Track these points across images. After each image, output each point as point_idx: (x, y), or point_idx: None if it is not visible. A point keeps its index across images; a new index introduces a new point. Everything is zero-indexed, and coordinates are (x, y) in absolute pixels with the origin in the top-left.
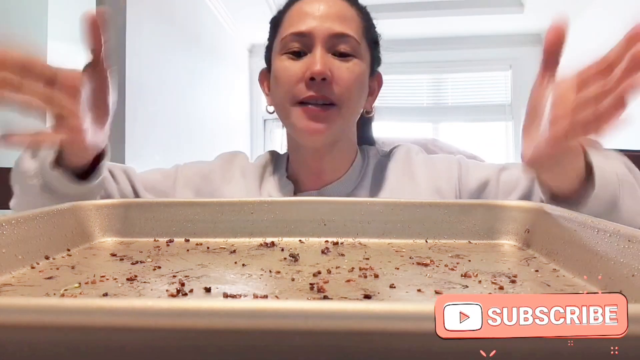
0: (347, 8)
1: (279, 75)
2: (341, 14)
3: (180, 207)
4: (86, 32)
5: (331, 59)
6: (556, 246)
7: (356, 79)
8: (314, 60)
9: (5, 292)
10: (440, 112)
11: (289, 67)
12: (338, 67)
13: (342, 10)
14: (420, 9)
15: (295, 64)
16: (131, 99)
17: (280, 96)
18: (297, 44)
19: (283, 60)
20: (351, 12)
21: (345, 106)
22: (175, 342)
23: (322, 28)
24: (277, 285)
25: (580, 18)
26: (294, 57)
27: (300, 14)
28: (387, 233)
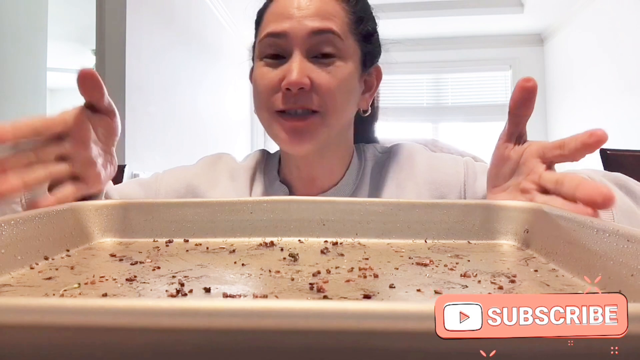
0: (327, 2)
1: (257, 84)
2: (321, 9)
3: (180, 207)
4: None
5: (310, 66)
6: (555, 246)
7: (339, 83)
8: (290, 68)
9: (5, 293)
10: (440, 112)
11: (265, 74)
12: (317, 74)
13: (322, 6)
14: (421, 9)
15: (272, 72)
16: (131, 99)
17: (259, 105)
18: (273, 47)
19: (260, 67)
20: (333, 5)
21: (329, 114)
22: (175, 342)
23: (299, 27)
24: (277, 285)
25: (581, 18)
26: (272, 61)
27: (277, 12)
28: (386, 233)
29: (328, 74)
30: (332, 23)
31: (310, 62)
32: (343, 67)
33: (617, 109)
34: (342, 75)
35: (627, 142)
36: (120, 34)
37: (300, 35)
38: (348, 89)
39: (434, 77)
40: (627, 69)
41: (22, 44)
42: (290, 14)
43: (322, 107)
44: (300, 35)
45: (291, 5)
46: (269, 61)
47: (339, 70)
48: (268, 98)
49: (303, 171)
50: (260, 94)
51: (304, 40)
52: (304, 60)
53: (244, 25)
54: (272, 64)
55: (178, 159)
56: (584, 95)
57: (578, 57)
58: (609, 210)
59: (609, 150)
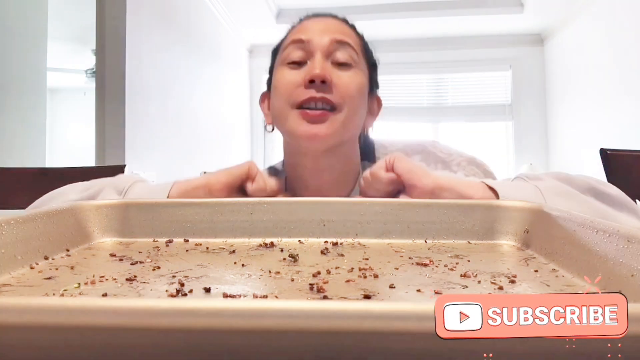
0: (345, 27)
1: (279, 84)
2: (339, 29)
3: (180, 207)
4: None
5: (330, 66)
6: (555, 246)
7: (356, 86)
8: (313, 65)
9: (5, 293)
10: (440, 112)
11: (287, 74)
12: (338, 75)
13: (340, 27)
14: (420, 9)
15: (295, 72)
16: (131, 99)
17: (279, 102)
18: (297, 52)
19: (283, 70)
20: (350, 30)
21: (345, 111)
22: (175, 342)
23: (321, 36)
24: (277, 286)
25: (580, 18)
26: (295, 65)
27: (301, 29)
28: (386, 233)
29: (347, 76)
30: (349, 39)
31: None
32: (359, 75)
33: (617, 108)
34: (358, 80)
35: (627, 142)
36: (120, 34)
37: (322, 42)
38: (362, 95)
39: (434, 77)
40: (627, 68)
41: (22, 44)
42: (313, 29)
43: (340, 104)
44: (323, 42)
45: (313, 24)
46: (292, 65)
47: (356, 76)
48: (290, 93)
49: (310, 183)
50: (282, 91)
51: (326, 46)
52: (325, 61)
53: (243, 26)
54: (294, 67)
55: (178, 159)
56: (583, 95)
57: (578, 57)
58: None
59: (609, 150)
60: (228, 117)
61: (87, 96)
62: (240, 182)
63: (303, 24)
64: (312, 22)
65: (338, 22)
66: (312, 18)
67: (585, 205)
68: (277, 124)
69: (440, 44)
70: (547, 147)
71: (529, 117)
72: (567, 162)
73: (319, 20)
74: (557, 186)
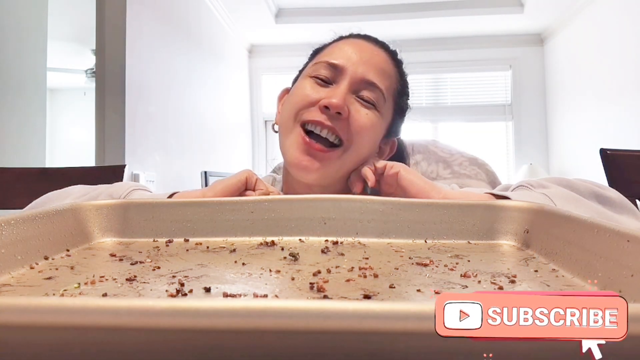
0: (387, 63)
1: (297, 92)
2: (380, 66)
3: (180, 207)
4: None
5: (352, 99)
6: (555, 246)
7: (371, 126)
8: (335, 93)
9: (5, 293)
10: (440, 112)
11: (307, 88)
12: (357, 109)
13: (382, 64)
14: (421, 9)
15: (317, 89)
16: (131, 99)
17: (289, 112)
18: (326, 72)
19: (306, 81)
20: (390, 68)
21: (351, 149)
22: (175, 342)
23: (356, 69)
24: (277, 285)
25: (581, 18)
26: (320, 82)
27: (343, 49)
28: (386, 233)
29: (365, 114)
30: (383, 84)
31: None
32: (377, 117)
33: (617, 108)
34: (374, 121)
35: (627, 142)
36: (120, 34)
37: (354, 76)
38: (374, 137)
39: (434, 77)
40: (627, 68)
41: (22, 44)
42: (355, 56)
43: (348, 139)
44: (354, 76)
45: (356, 49)
46: (317, 81)
47: (374, 116)
48: (301, 108)
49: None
50: (297, 102)
51: (355, 81)
52: (349, 93)
53: (243, 26)
54: (319, 83)
55: (178, 159)
56: (584, 95)
57: (578, 57)
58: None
59: (609, 150)
60: (228, 117)
61: (87, 96)
62: (238, 192)
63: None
64: (357, 45)
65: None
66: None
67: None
68: (280, 132)
69: (440, 44)
70: (547, 147)
71: (529, 117)
72: (567, 162)
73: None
74: (564, 193)
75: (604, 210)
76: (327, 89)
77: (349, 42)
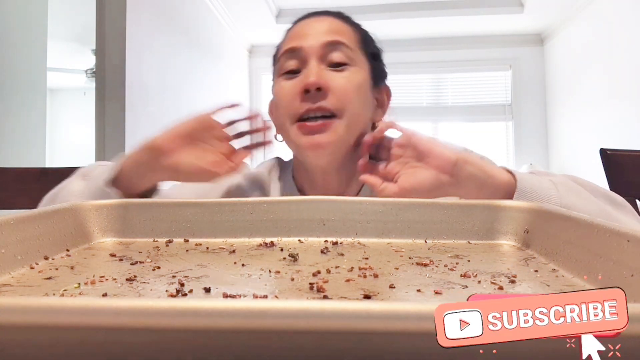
0: (339, 23)
1: (277, 97)
2: (333, 27)
3: (180, 207)
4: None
5: (326, 71)
6: (555, 246)
7: (354, 86)
8: (307, 72)
9: (5, 293)
10: (440, 112)
11: (284, 85)
12: (333, 78)
13: (334, 25)
14: (421, 9)
15: (291, 83)
16: (131, 99)
17: (280, 116)
18: (291, 61)
19: (280, 83)
20: (344, 26)
21: (346, 115)
22: (175, 342)
23: (313, 41)
24: (277, 285)
25: (581, 18)
26: (290, 75)
27: (293, 35)
28: (386, 233)
29: (343, 78)
30: (342, 37)
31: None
32: (356, 72)
33: (617, 108)
34: (356, 79)
35: (627, 142)
36: (120, 34)
37: (315, 47)
38: (362, 93)
39: (434, 77)
40: (627, 68)
41: (22, 44)
42: (305, 33)
43: (339, 109)
44: (315, 47)
45: (305, 28)
46: (288, 75)
47: (352, 75)
48: (288, 107)
49: (317, 185)
50: (282, 104)
51: (318, 51)
52: (319, 65)
53: (244, 26)
54: (290, 77)
55: None
56: (584, 95)
57: (578, 57)
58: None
59: (609, 150)
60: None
61: (87, 96)
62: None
63: (295, 28)
64: (303, 26)
65: (331, 20)
66: (304, 20)
67: (595, 206)
68: (283, 137)
69: (440, 44)
70: (547, 147)
71: (529, 117)
72: (567, 162)
73: (311, 22)
74: (570, 183)
75: (605, 206)
76: (299, 77)
77: (296, 26)
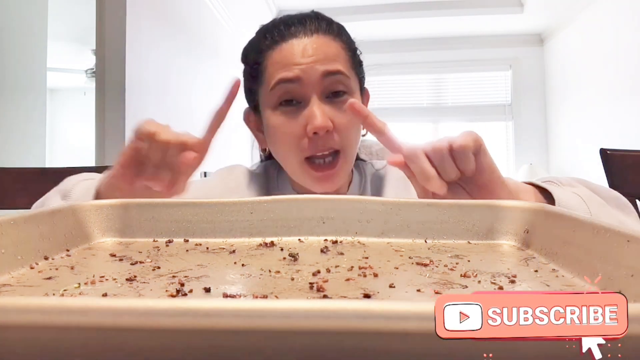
0: (330, 42)
1: (279, 134)
2: (327, 53)
3: (180, 207)
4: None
5: (328, 108)
6: (555, 246)
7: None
8: (313, 114)
9: (5, 293)
10: (440, 112)
11: (286, 124)
12: (336, 115)
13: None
14: (421, 9)
15: (293, 122)
16: (131, 99)
17: (283, 154)
18: (287, 93)
19: (278, 116)
20: (335, 47)
21: (349, 150)
22: (175, 342)
23: (311, 72)
24: (277, 285)
25: (581, 18)
26: (288, 109)
27: (284, 61)
28: (386, 232)
29: (344, 113)
30: (339, 64)
31: (326, 104)
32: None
33: (617, 108)
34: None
35: (627, 142)
36: (120, 34)
37: (314, 79)
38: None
39: (434, 77)
40: (627, 68)
41: (22, 44)
42: (299, 60)
43: (343, 146)
44: (314, 78)
45: (298, 53)
46: (285, 109)
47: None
48: (294, 146)
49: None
50: (286, 144)
51: (318, 83)
52: (321, 104)
53: (244, 26)
54: (288, 111)
55: None
56: (583, 95)
57: (578, 57)
58: None
59: (609, 150)
60: (228, 116)
61: (87, 96)
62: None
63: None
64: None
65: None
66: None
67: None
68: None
69: (440, 44)
70: (547, 147)
71: (529, 117)
72: (567, 162)
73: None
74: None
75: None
76: (301, 113)
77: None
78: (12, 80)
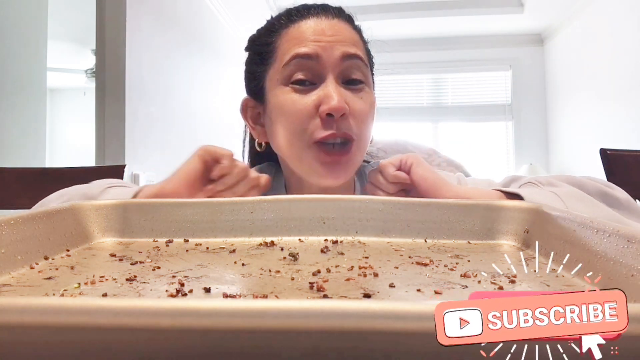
0: (351, 30)
1: (288, 111)
2: (348, 36)
3: (180, 207)
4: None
5: (345, 91)
6: (555, 246)
7: (369, 110)
8: (329, 93)
9: (5, 293)
10: (440, 112)
11: (297, 101)
12: (353, 100)
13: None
14: (421, 9)
15: (305, 98)
16: (131, 99)
17: (289, 137)
18: (303, 71)
19: (288, 93)
20: (355, 34)
21: (362, 140)
22: (175, 342)
23: (331, 50)
24: (277, 285)
25: (581, 18)
26: (301, 87)
27: (301, 36)
28: (386, 232)
29: (361, 100)
30: (358, 49)
31: (343, 88)
32: (370, 94)
33: (617, 108)
34: (370, 102)
35: (627, 142)
36: (120, 34)
37: (333, 59)
38: (374, 115)
39: (434, 77)
40: (627, 68)
41: (22, 44)
42: (319, 38)
43: (357, 133)
44: (333, 59)
45: (318, 30)
46: (298, 87)
47: (367, 96)
48: (304, 126)
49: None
50: (294, 123)
51: (336, 64)
52: (338, 85)
53: (244, 26)
54: (301, 90)
55: (178, 159)
56: (584, 95)
57: (578, 57)
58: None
59: (609, 150)
60: (228, 116)
61: (87, 96)
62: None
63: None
64: (316, 25)
65: (344, 25)
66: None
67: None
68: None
69: (440, 44)
70: (547, 147)
71: (529, 117)
72: (567, 162)
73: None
74: (574, 192)
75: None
76: (315, 92)
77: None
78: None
